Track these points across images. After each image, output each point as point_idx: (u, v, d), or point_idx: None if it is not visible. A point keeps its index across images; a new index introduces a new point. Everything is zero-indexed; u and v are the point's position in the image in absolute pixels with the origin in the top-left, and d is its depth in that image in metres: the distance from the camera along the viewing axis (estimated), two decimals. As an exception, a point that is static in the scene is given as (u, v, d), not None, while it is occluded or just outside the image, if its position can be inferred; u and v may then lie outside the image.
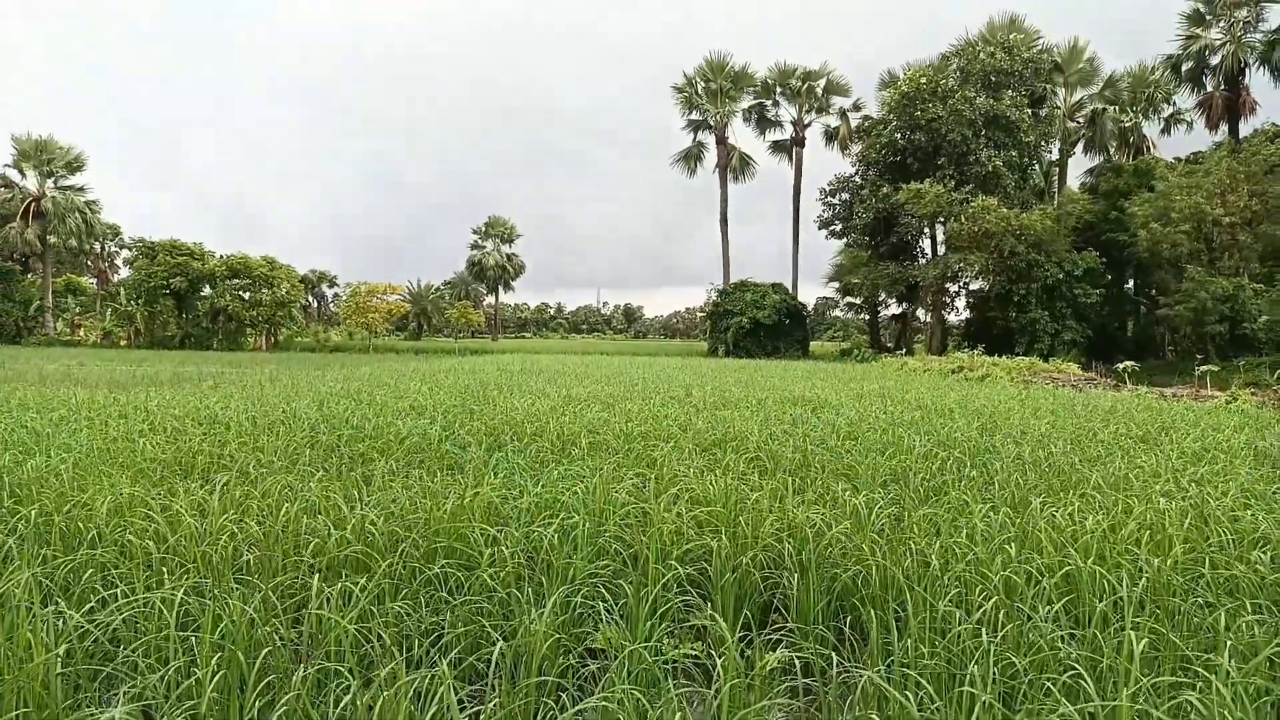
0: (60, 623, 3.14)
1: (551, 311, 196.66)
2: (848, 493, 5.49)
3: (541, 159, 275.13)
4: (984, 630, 3.22)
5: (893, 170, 43.92)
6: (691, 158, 56.22)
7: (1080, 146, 45.78)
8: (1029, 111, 40.94)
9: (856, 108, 51.99)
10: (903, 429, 9.09)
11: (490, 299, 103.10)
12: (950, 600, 3.54)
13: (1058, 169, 46.07)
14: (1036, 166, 43.29)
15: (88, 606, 3.34)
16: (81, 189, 55.04)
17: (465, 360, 32.77)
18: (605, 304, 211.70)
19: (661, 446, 7.46)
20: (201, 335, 50.19)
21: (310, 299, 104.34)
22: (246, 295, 50.85)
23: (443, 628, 3.45)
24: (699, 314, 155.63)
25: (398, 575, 3.84)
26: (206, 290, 51.22)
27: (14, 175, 53.88)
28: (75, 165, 54.23)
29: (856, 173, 47.81)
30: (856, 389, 16.38)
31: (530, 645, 3.17)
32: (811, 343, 53.63)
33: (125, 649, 3.13)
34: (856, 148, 48.95)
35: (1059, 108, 44.43)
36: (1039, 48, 42.49)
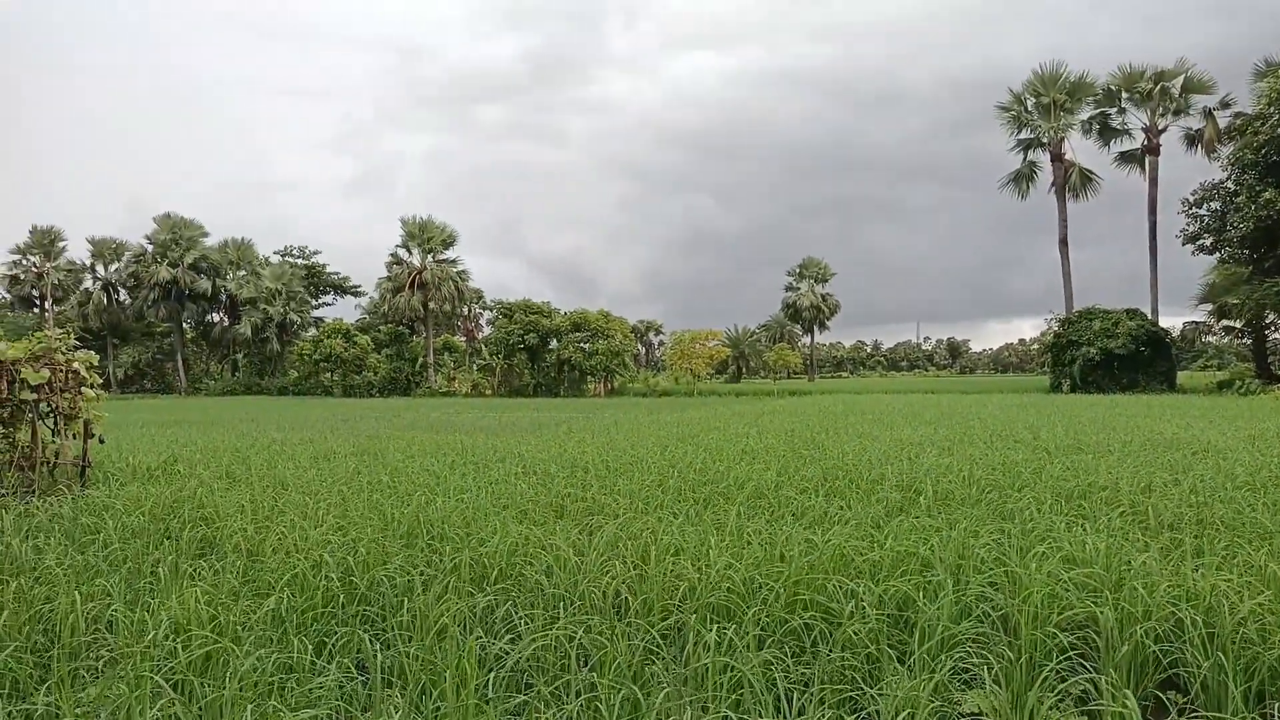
0: (481, 651, 3.62)
1: (868, 349, 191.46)
2: (1263, 554, 4.68)
3: (850, 203, 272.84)
4: None
5: (1275, 171, 37.16)
6: (1022, 179, 52.12)
7: None
8: None
9: (1224, 105, 44.93)
10: (1325, 480, 7.54)
11: (806, 339, 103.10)
12: None
13: None
14: None
15: (506, 638, 3.81)
16: (453, 261, 64.43)
17: (785, 402, 32.93)
18: (925, 339, 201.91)
19: (1016, 496, 6.90)
20: (550, 384, 55.72)
21: (640, 347, 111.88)
22: (586, 346, 55.66)
23: (809, 680, 3.46)
24: (1034, 347, 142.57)
25: (761, 623, 3.92)
26: (553, 344, 56.86)
27: (403, 253, 64.48)
28: (448, 241, 63.71)
29: (1229, 177, 41.13)
30: (1247, 429, 13.93)
31: (904, 703, 3.07)
32: (1178, 374, 46.64)
33: (532, 680, 3.52)
34: (1227, 150, 42.18)
35: None
36: None
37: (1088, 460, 9.49)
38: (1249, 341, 45.33)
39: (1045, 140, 50.06)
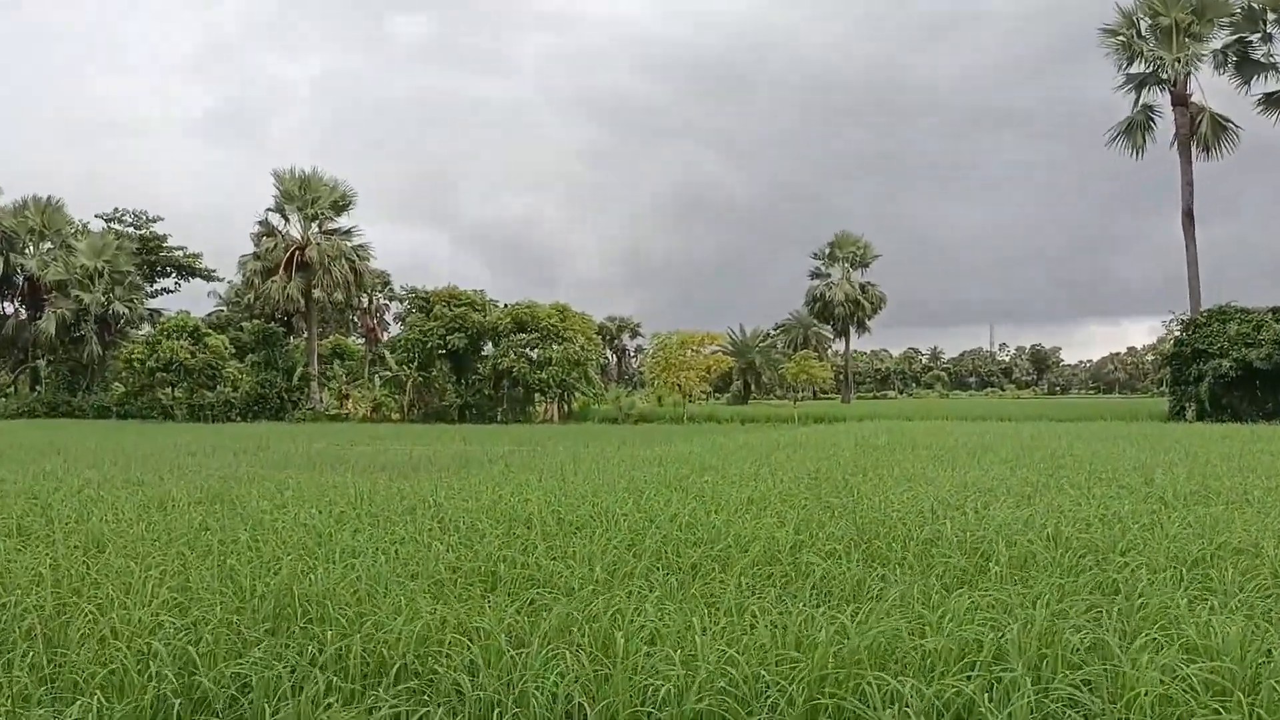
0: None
1: (924, 359, 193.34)
2: None
3: (900, 159, 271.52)
4: None
5: None
6: (1135, 129, 52.88)
7: None
8: None
9: None
10: None
11: (839, 345, 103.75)
12: None
13: None
14: None
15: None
16: (349, 232, 63.52)
17: (809, 431, 33.08)
18: (1002, 347, 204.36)
19: (1120, 562, 6.97)
20: (483, 404, 55.66)
21: (610, 355, 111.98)
22: (534, 353, 55.67)
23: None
24: (1148, 358, 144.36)
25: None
26: (488, 348, 56.73)
27: (277, 220, 62.61)
28: (342, 204, 62.76)
29: None
30: None
31: None
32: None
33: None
34: None
35: None
36: None
37: (1218, 513, 9.59)
38: None
39: (1165, 76, 50.84)
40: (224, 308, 78.67)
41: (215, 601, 5.93)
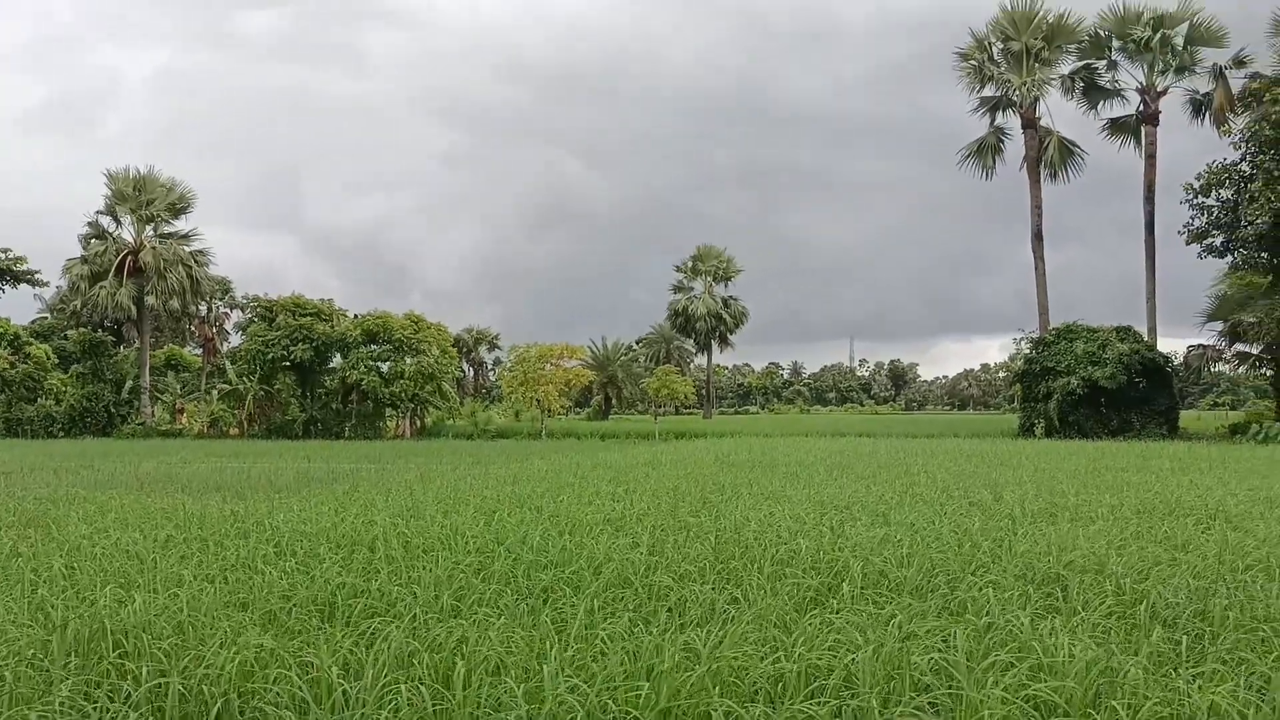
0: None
1: (785, 374, 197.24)
2: (1272, 660, 5.04)
3: (767, 172, 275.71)
4: None
5: (1302, 150, 40.76)
6: (987, 150, 55.04)
7: None
8: None
9: (1239, 63, 48.84)
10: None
11: (701, 359, 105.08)
12: None
13: None
14: None
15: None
16: (187, 236, 61.44)
17: (670, 448, 33.31)
18: (861, 363, 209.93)
19: (970, 581, 7.18)
20: (330, 420, 54.36)
21: (467, 367, 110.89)
22: (385, 366, 54.69)
23: None
24: (1001, 374, 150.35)
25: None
26: (336, 360, 55.50)
27: (107, 222, 60.01)
28: (180, 206, 60.59)
29: (1243, 157, 44.78)
30: (1263, 490, 15.07)
31: None
32: (1181, 413, 50.12)
33: None
34: (1241, 121, 45.93)
35: None
36: None
37: (1064, 531, 10.02)
38: (1269, 372, 49.28)
39: (1015, 100, 53.06)
40: (48, 315, 74.81)
41: (20, 635, 5.61)
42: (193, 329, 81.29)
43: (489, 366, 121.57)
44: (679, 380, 70.80)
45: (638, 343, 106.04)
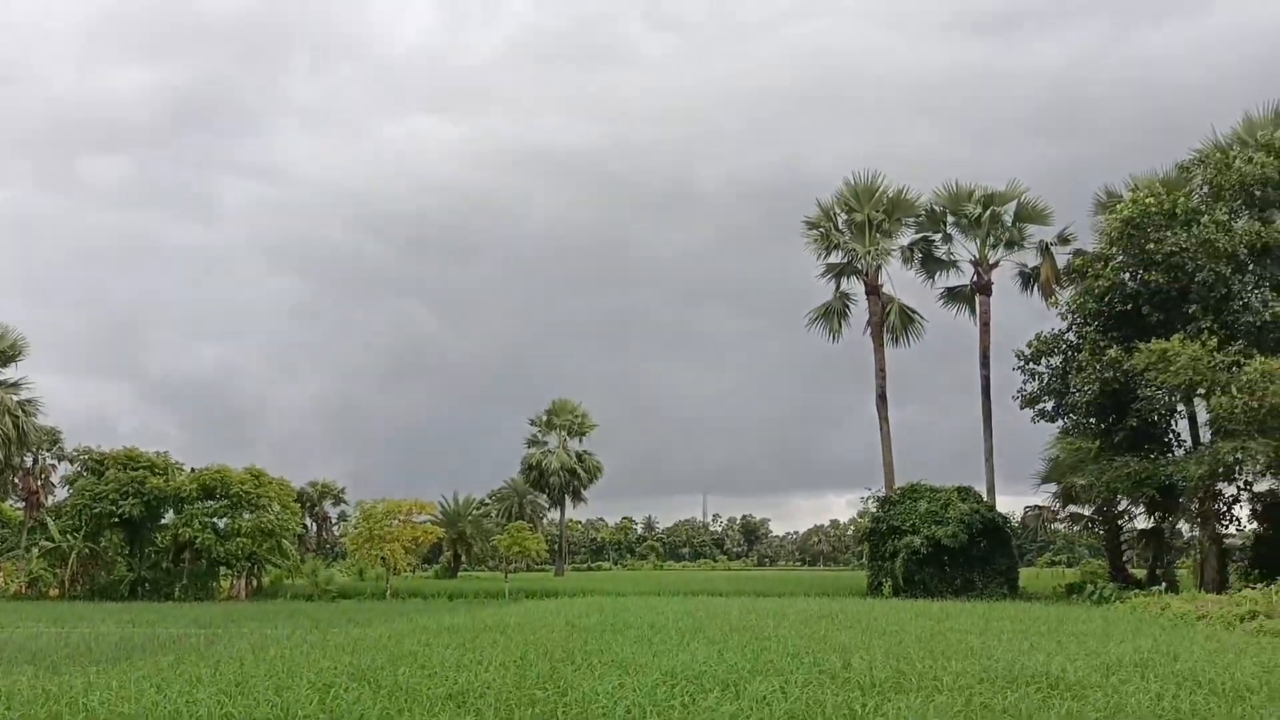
0: None
1: (639, 530, 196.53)
2: None
3: (624, 327, 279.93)
4: None
5: (1122, 323, 43.42)
6: (833, 314, 57.02)
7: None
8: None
9: (1063, 240, 52.31)
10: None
11: (554, 514, 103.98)
12: None
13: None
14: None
15: None
16: (16, 384, 58.71)
17: (520, 609, 32.64)
18: (715, 518, 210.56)
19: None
20: (159, 579, 51.57)
21: (310, 522, 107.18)
22: (222, 522, 52.50)
23: None
24: (849, 531, 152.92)
25: None
26: (169, 517, 53.03)
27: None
28: (10, 354, 58.16)
29: (1070, 328, 47.48)
30: (1100, 654, 15.53)
31: None
32: (1020, 569, 51.59)
33: None
34: (1066, 294, 48.87)
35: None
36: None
37: (913, 703, 10.04)
38: (1101, 532, 51.31)
39: (860, 267, 55.49)
40: None
41: None
42: (16, 481, 76.88)
43: (333, 521, 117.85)
44: (531, 538, 69.94)
45: (490, 496, 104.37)
